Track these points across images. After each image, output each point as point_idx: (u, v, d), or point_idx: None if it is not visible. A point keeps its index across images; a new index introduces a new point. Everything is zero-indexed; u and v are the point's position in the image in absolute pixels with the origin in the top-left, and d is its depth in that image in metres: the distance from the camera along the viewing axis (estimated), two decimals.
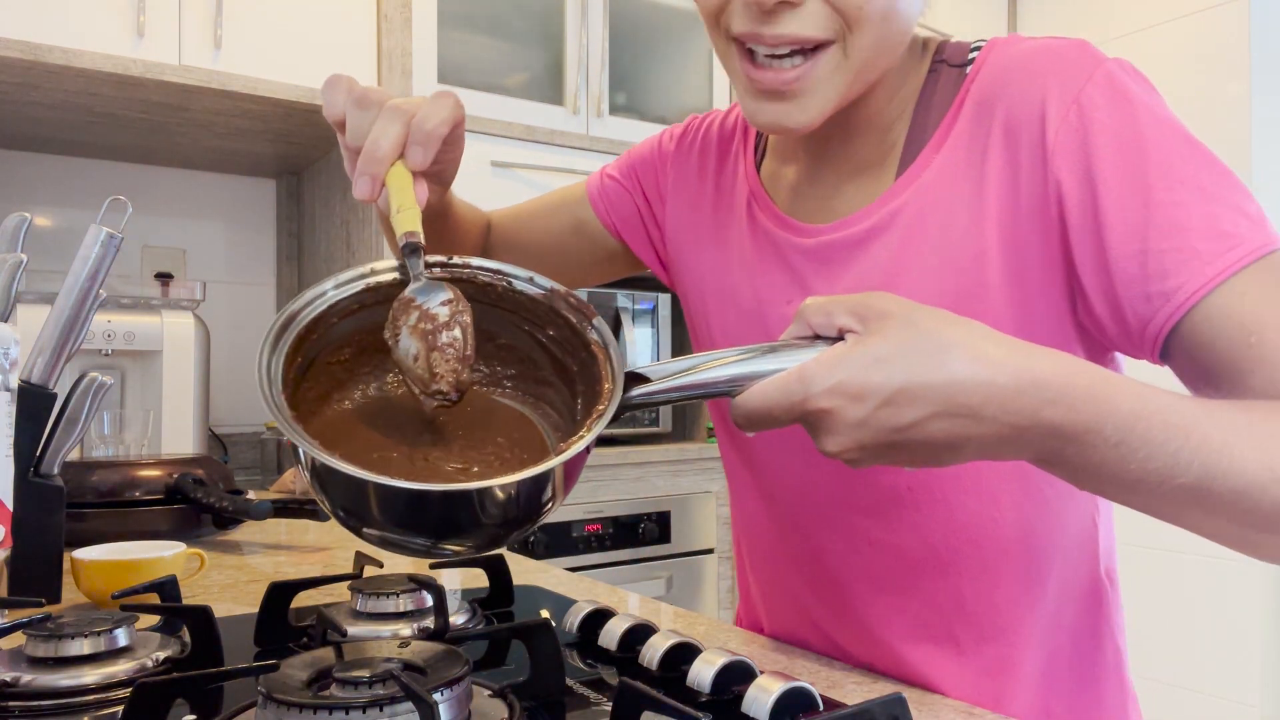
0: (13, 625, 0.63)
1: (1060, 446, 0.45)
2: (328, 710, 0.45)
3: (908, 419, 0.44)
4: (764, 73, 0.55)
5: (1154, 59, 2.34)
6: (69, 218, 1.97)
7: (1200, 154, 0.53)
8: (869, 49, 0.55)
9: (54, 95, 1.59)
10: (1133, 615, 2.46)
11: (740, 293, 0.70)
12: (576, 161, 1.90)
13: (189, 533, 1.21)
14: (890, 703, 0.49)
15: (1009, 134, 0.57)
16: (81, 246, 0.87)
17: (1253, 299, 0.49)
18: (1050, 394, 0.44)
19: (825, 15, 0.53)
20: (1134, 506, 0.49)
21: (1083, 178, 0.54)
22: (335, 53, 1.69)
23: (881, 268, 0.61)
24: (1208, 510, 0.47)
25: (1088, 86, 0.54)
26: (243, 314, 2.16)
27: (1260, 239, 0.51)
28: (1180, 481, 0.45)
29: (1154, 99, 0.55)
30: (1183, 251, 0.51)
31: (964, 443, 0.45)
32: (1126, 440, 0.45)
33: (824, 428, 0.46)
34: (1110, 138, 0.53)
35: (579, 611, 0.71)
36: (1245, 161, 2.15)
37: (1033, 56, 0.58)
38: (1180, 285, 0.51)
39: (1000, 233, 0.57)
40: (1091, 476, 0.47)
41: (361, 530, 0.48)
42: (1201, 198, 0.51)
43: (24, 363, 0.86)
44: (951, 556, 0.64)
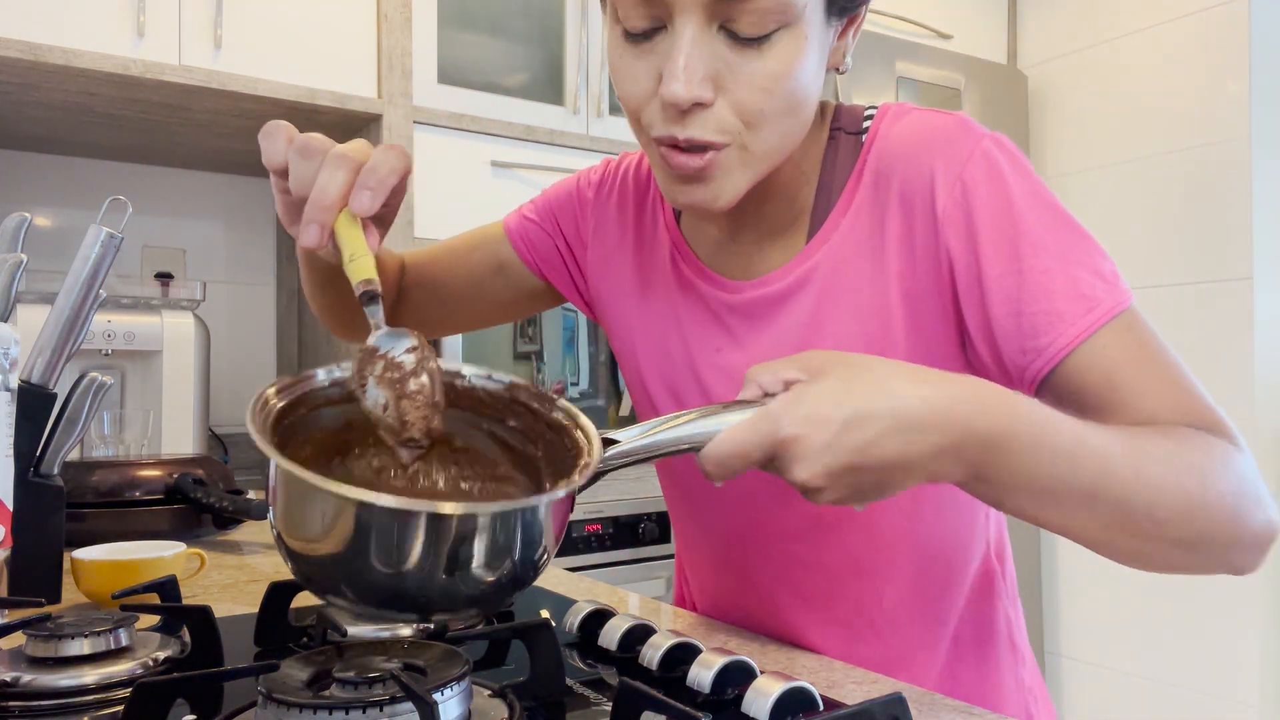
0: (13, 625, 0.63)
1: (988, 457, 0.51)
2: (328, 710, 0.45)
3: (866, 437, 0.49)
4: (679, 157, 0.60)
5: (1154, 59, 2.34)
6: (69, 218, 1.97)
7: (1062, 222, 0.62)
8: (772, 141, 0.61)
9: (54, 95, 1.59)
10: (1133, 615, 2.46)
11: (669, 340, 0.75)
12: (576, 161, 1.90)
13: (189, 533, 1.21)
14: (890, 703, 0.49)
15: (904, 202, 0.65)
16: (81, 246, 0.87)
17: (1110, 353, 0.58)
18: (976, 406, 0.51)
19: (729, 119, 0.59)
20: (1040, 518, 0.55)
21: (968, 246, 0.62)
22: (335, 53, 1.69)
23: (802, 321, 0.68)
24: (1096, 515, 0.53)
25: (969, 165, 0.62)
26: (243, 314, 2.16)
27: (1114, 299, 0.60)
28: (1078, 485, 0.52)
29: (1023, 173, 0.63)
30: (1050, 314, 0.59)
31: (913, 460, 0.50)
32: (1037, 444, 0.52)
33: (794, 455, 0.50)
34: (989, 213, 0.61)
35: (579, 611, 0.71)
36: (1245, 161, 2.15)
37: (921, 133, 0.65)
38: (1050, 343, 0.59)
39: (901, 289, 0.65)
40: (1010, 488, 0.53)
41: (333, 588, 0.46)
42: (1064, 263, 0.60)
43: (24, 363, 0.86)
44: (873, 566, 0.71)
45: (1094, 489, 0.52)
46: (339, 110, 1.68)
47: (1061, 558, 2.53)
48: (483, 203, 1.80)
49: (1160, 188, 2.32)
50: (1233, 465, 0.56)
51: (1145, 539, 0.54)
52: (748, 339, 0.71)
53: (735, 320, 0.72)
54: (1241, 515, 0.55)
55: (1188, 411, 0.58)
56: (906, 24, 2.40)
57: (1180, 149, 2.28)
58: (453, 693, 0.48)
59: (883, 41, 2.26)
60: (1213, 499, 0.54)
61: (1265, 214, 2.16)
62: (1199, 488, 0.54)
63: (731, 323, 0.72)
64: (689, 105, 0.57)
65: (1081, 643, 2.48)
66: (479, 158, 1.80)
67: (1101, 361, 0.58)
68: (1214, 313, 2.21)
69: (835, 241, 0.67)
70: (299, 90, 1.64)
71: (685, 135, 0.58)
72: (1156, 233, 2.33)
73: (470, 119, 1.79)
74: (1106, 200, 2.44)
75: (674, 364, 0.75)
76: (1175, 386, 0.59)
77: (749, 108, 0.58)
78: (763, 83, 0.58)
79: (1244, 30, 2.16)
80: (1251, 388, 2.14)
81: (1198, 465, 0.55)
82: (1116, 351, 0.58)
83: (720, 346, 0.72)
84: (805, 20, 0.58)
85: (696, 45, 0.56)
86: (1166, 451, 0.54)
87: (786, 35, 0.58)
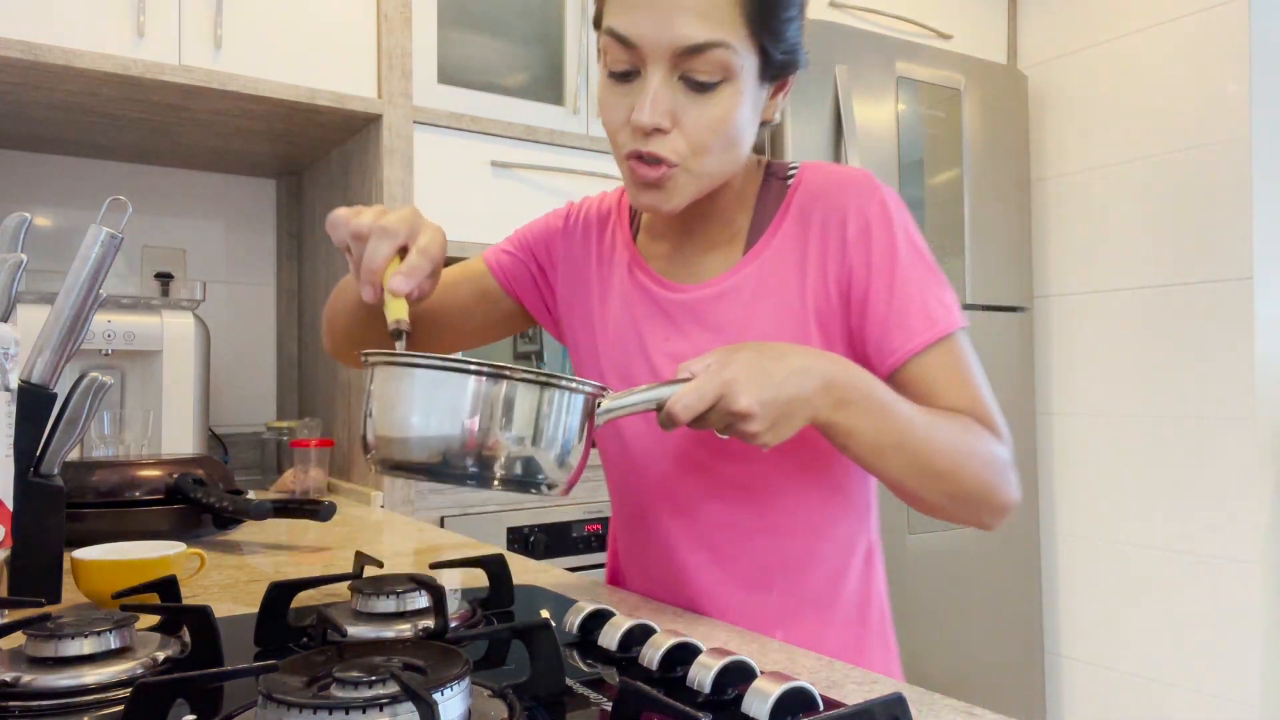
0: (13, 625, 0.63)
1: (845, 397, 0.73)
2: (328, 710, 0.45)
3: (781, 376, 0.70)
4: (642, 168, 0.80)
5: (1154, 59, 2.34)
6: (69, 218, 1.97)
7: (925, 261, 0.84)
8: (711, 167, 0.81)
9: (54, 95, 1.59)
10: (1133, 615, 2.46)
11: (626, 333, 0.92)
12: (576, 161, 1.90)
13: (189, 533, 1.21)
14: (890, 703, 0.49)
15: (823, 229, 0.85)
16: (81, 246, 0.87)
17: (936, 360, 0.81)
18: (841, 367, 0.74)
19: (681, 145, 0.78)
20: (867, 461, 0.76)
21: (864, 269, 0.83)
22: (335, 53, 1.69)
23: (737, 315, 0.86)
24: (901, 461, 0.76)
25: (871, 206, 0.84)
26: (243, 314, 2.16)
27: (949, 323, 0.82)
28: (891, 436, 0.75)
29: (905, 221, 0.85)
30: (904, 327, 0.82)
31: (805, 396, 0.71)
32: (870, 400, 0.74)
33: (738, 390, 0.69)
34: (880, 246, 0.83)
35: (579, 611, 0.71)
36: (1245, 161, 2.15)
37: (840, 180, 0.87)
38: (901, 346, 0.82)
39: (815, 296, 0.85)
40: (850, 432, 0.74)
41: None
42: (920, 292, 0.82)
43: (24, 363, 0.86)
44: (774, 526, 0.88)
45: (901, 441, 0.75)
46: (339, 110, 1.69)
47: (1061, 558, 2.53)
48: (483, 203, 1.80)
49: (1160, 188, 2.32)
50: (993, 449, 0.79)
51: (929, 487, 0.77)
52: (691, 330, 0.88)
53: (681, 315, 0.89)
54: (993, 485, 0.79)
55: (973, 409, 0.81)
56: (906, 24, 2.40)
57: (1180, 149, 2.28)
58: (453, 693, 0.48)
59: (883, 41, 2.26)
60: (975, 466, 0.77)
61: (1265, 214, 2.16)
62: (967, 456, 0.77)
63: (678, 317, 0.89)
64: (651, 130, 0.77)
65: (1081, 643, 2.48)
66: (479, 158, 1.80)
67: (929, 365, 0.81)
68: (1214, 313, 2.21)
69: (766, 256, 0.87)
70: (299, 90, 1.64)
71: (647, 149, 0.78)
72: (1156, 233, 2.33)
73: (470, 119, 1.79)
74: (1106, 200, 2.44)
75: (629, 352, 0.91)
76: (972, 392, 0.82)
77: (695, 139, 0.78)
78: (707, 122, 0.78)
79: (1244, 30, 2.16)
80: (1251, 388, 2.14)
81: (969, 442, 0.78)
82: (940, 360, 0.82)
83: (669, 336, 0.89)
84: (743, 79, 0.78)
85: (661, 88, 0.76)
86: (950, 428, 0.78)
87: (728, 88, 0.77)
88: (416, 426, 0.64)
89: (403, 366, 0.65)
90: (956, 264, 2.35)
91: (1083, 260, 2.49)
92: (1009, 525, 2.42)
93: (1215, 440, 2.21)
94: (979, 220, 2.41)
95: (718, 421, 0.71)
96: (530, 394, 0.65)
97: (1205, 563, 2.22)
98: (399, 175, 1.71)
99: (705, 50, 0.75)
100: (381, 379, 0.67)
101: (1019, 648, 2.43)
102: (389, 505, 1.63)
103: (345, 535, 1.27)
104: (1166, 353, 2.30)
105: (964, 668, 2.30)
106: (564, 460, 0.68)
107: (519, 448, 0.65)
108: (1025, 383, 2.50)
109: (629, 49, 0.76)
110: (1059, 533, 2.54)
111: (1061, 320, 2.54)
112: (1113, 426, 2.42)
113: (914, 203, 2.27)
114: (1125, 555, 2.39)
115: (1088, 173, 2.49)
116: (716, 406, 0.69)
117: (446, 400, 0.64)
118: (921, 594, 2.22)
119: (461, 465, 0.64)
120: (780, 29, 0.78)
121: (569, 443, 0.68)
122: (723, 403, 0.69)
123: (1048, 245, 2.58)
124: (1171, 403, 2.30)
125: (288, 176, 2.19)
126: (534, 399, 0.65)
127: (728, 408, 0.69)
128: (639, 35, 0.75)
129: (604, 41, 0.79)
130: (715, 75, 0.76)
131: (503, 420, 0.65)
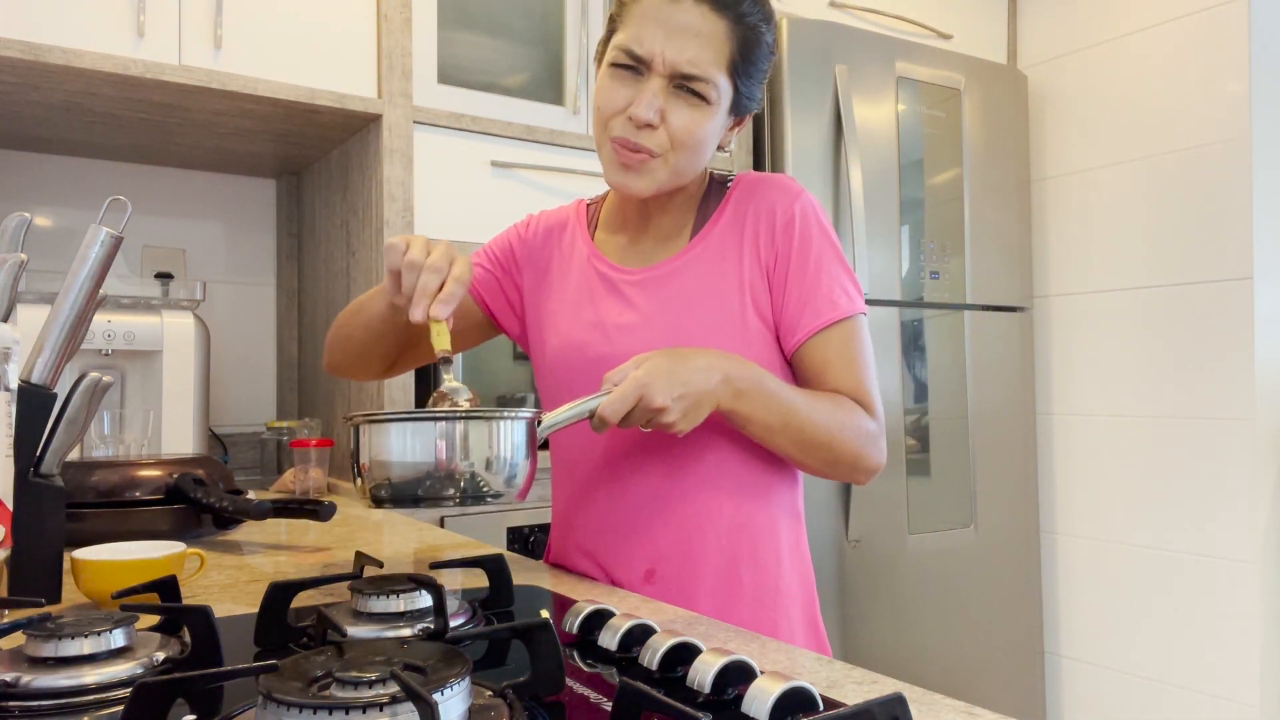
0: (13, 625, 0.63)
1: (741, 389, 0.90)
2: (328, 710, 0.45)
3: (687, 375, 0.87)
4: (626, 152, 0.96)
5: (1154, 59, 2.34)
6: (69, 218, 1.97)
7: (836, 253, 1.01)
8: (681, 163, 0.98)
9: (54, 95, 1.59)
10: (1133, 615, 2.45)
11: (584, 312, 1.06)
12: (576, 161, 1.90)
13: (189, 533, 1.21)
14: (890, 702, 0.49)
15: (755, 222, 1.02)
16: (81, 246, 0.87)
17: (832, 347, 0.99)
18: (737, 364, 0.91)
19: (664, 140, 0.95)
20: (766, 439, 0.94)
21: (784, 257, 1.00)
22: (335, 53, 1.69)
23: (683, 293, 1.01)
24: (789, 437, 0.94)
25: (796, 203, 1.02)
26: (243, 314, 2.16)
27: (851, 308, 0.99)
28: (780, 416, 0.93)
29: (822, 219, 1.03)
30: (814, 308, 0.98)
31: (709, 389, 0.88)
32: (771, 398, 0.92)
33: (653, 391, 0.84)
34: (801, 237, 1.00)
35: (579, 611, 0.71)
36: (1245, 161, 2.15)
37: (769, 182, 1.05)
38: (809, 323, 0.99)
39: (749, 275, 1.01)
40: (748, 417, 0.92)
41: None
42: (830, 278, 0.99)
43: (24, 363, 0.86)
44: (689, 502, 1.00)
45: (786, 421, 0.93)
46: (339, 110, 1.69)
47: (1061, 558, 2.53)
48: (483, 203, 1.80)
49: (1160, 188, 2.32)
50: (862, 423, 0.97)
51: (810, 455, 0.95)
52: (642, 303, 1.02)
53: (633, 291, 1.04)
54: (861, 452, 0.96)
55: (855, 390, 0.98)
56: (906, 24, 2.40)
57: (1180, 149, 2.28)
58: (453, 693, 0.48)
59: (883, 41, 2.25)
60: (846, 437, 0.95)
61: (1265, 214, 2.16)
62: (839, 429, 0.95)
63: (630, 294, 1.04)
64: (643, 124, 0.94)
65: (1081, 643, 2.48)
66: (479, 158, 1.80)
67: (828, 343, 0.98)
68: (1214, 313, 2.21)
69: (707, 243, 1.03)
70: (299, 90, 1.64)
71: (636, 140, 0.95)
72: (1156, 233, 2.33)
73: (470, 119, 1.79)
74: (1107, 200, 2.44)
75: (589, 327, 1.05)
76: (857, 374, 0.98)
77: (675, 137, 0.95)
78: (688, 125, 0.95)
79: (1244, 30, 2.16)
80: (1252, 388, 2.14)
81: (840, 418, 0.95)
82: (837, 339, 0.99)
83: (622, 310, 1.03)
84: (718, 105, 0.96)
85: (659, 93, 0.94)
86: (827, 407, 0.95)
87: (708, 108, 0.96)
88: (399, 466, 0.80)
89: (382, 422, 0.81)
90: (957, 264, 2.35)
91: (1083, 260, 2.49)
92: (1009, 525, 2.42)
93: (1215, 440, 2.21)
94: (979, 220, 2.41)
95: (640, 418, 0.86)
96: (481, 428, 0.81)
97: (1205, 563, 2.22)
98: (399, 175, 1.71)
99: (698, 79, 0.93)
100: (367, 434, 0.82)
101: (1019, 648, 2.43)
102: None
103: (345, 535, 1.27)
104: (1166, 353, 2.30)
105: (964, 668, 2.30)
106: (515, 473, 0.83)
107: (482, 468, 0.81)
108: (1025, 383, 2.50)
109: (638, 60, 0.94)
110: (1059, 533, 2.54)
111: (1061, 320, 2.54)
112: (1113, 426, 2.42)
113: (914, 203, 2.28)
114: (1125, 555, 2.39)
115: (1088, 173, 2.49)
116: (638, 406, 0.84)
117: (420, 442, 0.80)
118: (921, 594, 2.22)
119: (439, 490, 0.80)
120: (752, 76, 0.98)
121: (518, 459, 0.83)
122: (642, 402, 0.84)
123: (1048, 245, 2.58)
124: (1171, 403, 2.30)
125: (288, 176, 2.19)
126: (485, 430, 0.81)
127: (647, 405, 0.84)
128: (649, 55, 0.93)
129: (616, 54, 0.95)
130: (701, 94, 0.94)
131: (464, 450, 0.81)
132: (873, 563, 2.14)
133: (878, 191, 2.20)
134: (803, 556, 1.06)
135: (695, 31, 0.93)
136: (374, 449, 0.81)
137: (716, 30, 0.94)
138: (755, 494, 1.01)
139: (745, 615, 0.98)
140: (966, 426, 2.34)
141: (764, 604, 1.00)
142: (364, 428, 0.82)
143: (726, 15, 0.94)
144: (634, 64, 0.94)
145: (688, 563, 0.99)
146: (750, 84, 0.98)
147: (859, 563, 2.12)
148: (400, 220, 1.70)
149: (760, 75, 0.99)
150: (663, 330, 0.99)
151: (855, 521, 2.09)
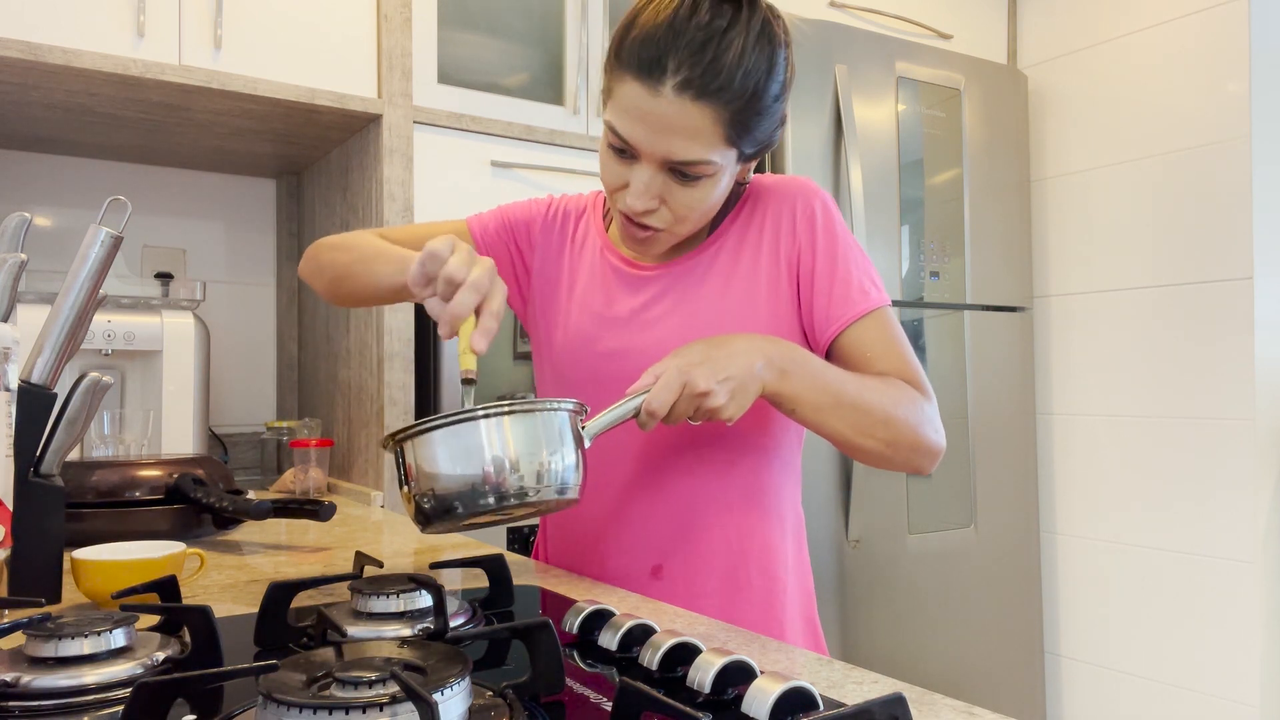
0: (13, 625, 0.63)
1: (787, 369, 0.87)
2: (328, 710, 0.45)
3: (729, 358, 0.84)
4: (632, 228, 0.95)
5: (1154, 59, 2.34)
6: (69, 218, 1.97)
7: (858, 248, 1.01)
8: (691, 228, 0.96)
9: (54, 95, 1.59)
10: (1133, 615, 2.45)
11: (593, 303, 1.04)
12: (576, 161, 1.90)
13: (189, 533, 1.21)
14: (890, 702, 0.49)
15: (775, 219, 1.01)
16: (81, 246, 0.87)
17: (869, 329, 0.96)
18: (779, 345, 0.88)
19: (667, 216, 0.93)
20: (813, 420, 0.90)
21: (809, 251, 0.99)
22: (335, 53, 1.69)
23: (702, 288, 1.00)
24: (842, 419, 0.89)
25: (815, 201, 1.01)
26: (243, 314, 2.16)
27: (880, 299, 0.98)
28: (831, 397, 0.89)
29: (840, 217, 1.02)
30: (845, 299, 0.97)
31: (753, 371, 0.85)
32: (818, 376, 0.89)
33: (698, 376, 0.81)
34: (824, 234, 0.99)
35: (579, 611, 0.71)
36: (1245, 161, 2.15)
37: (786, 183, 1.04)
38: (840, 315, 0.97)
39: (766, 270, 1.00)
40: (795, 397, 0.88)
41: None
42: (858, 271, 0.98)
43: (24, 363, 0.86)
44: (702, 513, 0.99)
45: (839, 400, 0.89)
46: (339, 110, 1.69)
47: (1061, 558, 2.53)
48: (483, 202, 1.80)
49: (1160, 188, 2.32)
50: (918, 404, 0.93)
51: (867, 435, 0.90)
52: (658, 299, 1.01)
53: (651, 286, 1.02)
54: (921, 433, 0.92)
55: (902, 373, 0.95)
56: (906, 24, 2.40)
57: (1180, 149, 2.28)
58: (453, 693, 0.48)
59: (883, 41, 2.25)
60: (902, 417, 0.91)
61: (1265, 214, 2.16)
62: (895, 409, 0.91)
63: (646, 289, 1.02)
64: (642, 211, 0.92)
65: (1081, 643, 2.48)
66: (479, 158, 1.80)
67: (865, 332, 0.96)
68: (1214, 313, 2.21)
69: (725, 241, 1.02)
70: (299, 90, 1.64)
71: (639, 221, 0.93)
72: (1156, 233, 2.33)
73: (470, 119, 1.79)
74: (1106, 200, 2.44)
75: (596, 318, 1.03)
76: (901, 358, 0.96)
77: (679, 214, 0.93)
78: (690, 203, 0.92)
79: (1244, 30, 2.16)
80: (1252, 388, 2.14)
81: (895, 397, 0.92)
82: (874, 328, 0.97)
83: (636, 305, 1.02)
84: (721, 173, 0.91)
85: (652, 180, 0.91)
86: (882, 389, 0.92)
87: (709, 181, 0.91)
88: (455, 478, 0.74)
89: (425, 432, 0.75)
90: (957, 264, 2.35)
91: (1083, 260, 2.49)
92: (1009, 525, 2.42)
93: (1215, 440, 2.21)
94: (979, 220, 2.41)
95: (687, 408, 0.83)
96: (530, 420, 0.77)
97: (1205, 563, 2.22)
98: (399, 175, 1.71)
99: (692, 164, 0.89)
100: (411, 451, 0.76)
101: (1019, 648, 2.43)
102: (389, 505, 1.63)
103: (345, 535, 1.27)
104: (1166, 353, 2.30)
105: (964, 668, 2.30)
106: (572, 469, 0.79)
107: (539, 466, 0.76)
108: (1025, 383, 2.49)
109: (628, 145, 0.89)
110: (1059, 533, 2.54)
111: (1061, 320, 2.54)
112: (1113, 426, 2.42)
113: (914, 203, 2.28)
114: (1125, 555, 2.39)
115: (1088, 173, 2.49)
116: (682, 395, 0.82)
117: (469, 444, 0.75)
118: (921, 594, 2.22)
119: (498, 498, 0.75)
120: (759, 136, 0.91)
121: (571, 455, 0.79)
122: (686, 389, 0.82)
123: (1048, 245, 2.58)
124: (1171, 403, 2.30)
125: (288, 176, 2.19)
126: (533, 423, 0.77)
127: (692, 392, 0.82)
128: (636, 142, 0.88)
129: (605, 128, 0.91)
130: (699, 174, 0.90)
131: (516, 448, 0.76)
132: (873, 563, 2.14)
133: (878, 191, 2.21)
134: (803, 557, 1.06)
135: (679, 127, 0.86)
136: (431, 460, 0.75)
137: (703, 118, 0.86)
138: (763, 494, 1.01)
139: (749, 615, 0.98)
140: (966, 426, 2.34)
141: (768, 604, 1.00)
142: (412, 441, 0.76)
143: (712, 101, 0.85)
144: (624, 147, 0.90)
145: (695, 561, 0.99)
146: (758, 140, 0.91)
147: (859, 563, 2.12)
148: (400, 220, 1.70)
149: (770, 126, 0.92)
150: (679, 325, 0.98)
151: (855, 521, 2.09)
